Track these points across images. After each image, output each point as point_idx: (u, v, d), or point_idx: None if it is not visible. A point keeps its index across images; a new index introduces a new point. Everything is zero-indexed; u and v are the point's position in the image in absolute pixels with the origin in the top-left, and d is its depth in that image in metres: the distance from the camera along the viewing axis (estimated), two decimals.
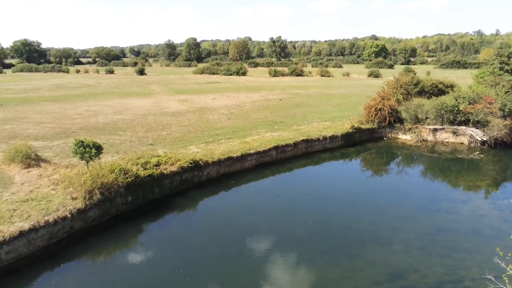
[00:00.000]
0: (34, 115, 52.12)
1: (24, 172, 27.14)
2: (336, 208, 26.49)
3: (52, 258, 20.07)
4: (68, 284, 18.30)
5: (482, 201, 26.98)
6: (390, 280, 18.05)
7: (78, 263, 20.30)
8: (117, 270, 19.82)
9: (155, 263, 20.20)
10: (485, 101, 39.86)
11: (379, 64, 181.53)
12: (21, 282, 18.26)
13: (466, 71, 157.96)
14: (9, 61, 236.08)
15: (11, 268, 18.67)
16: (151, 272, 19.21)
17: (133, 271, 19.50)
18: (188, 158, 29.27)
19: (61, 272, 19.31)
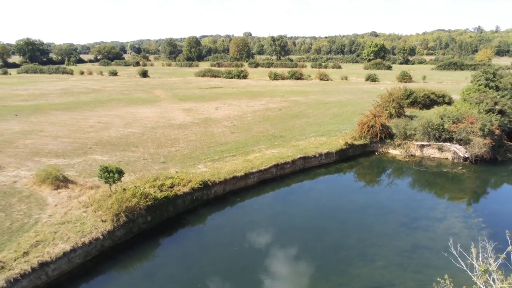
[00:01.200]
0: (50, 127, 55.74)
1: (54, 193, 30.90)
2: (329, 225, 30.30)
3: (88, 273, 23.91)
4: None
5: (456, 220, 30.75)
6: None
7: (108, 276, 24.14)
8: (141, 281, 23.66)
9: (173, 276, 24.04)
10: (468, 121, 43.51)
11: (378, 65, 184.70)
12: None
13: (463, 73, 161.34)
14: (13, 60, 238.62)
15: (56, 283, 22.49)
16: (170, 284, 23.04)
17: (154, 282, 23.32)
18: (198, 179, 33.05)
19: (96, 285, 23.15)
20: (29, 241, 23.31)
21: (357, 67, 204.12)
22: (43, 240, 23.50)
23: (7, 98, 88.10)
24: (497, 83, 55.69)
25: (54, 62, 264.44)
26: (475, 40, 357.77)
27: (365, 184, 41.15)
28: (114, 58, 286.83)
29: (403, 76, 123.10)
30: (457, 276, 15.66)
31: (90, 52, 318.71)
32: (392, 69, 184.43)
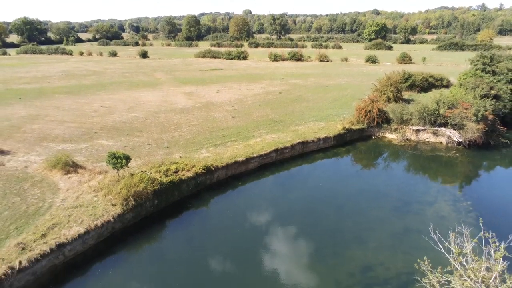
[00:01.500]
0: (55, 112, 56.96)
1: (65, 178, 32.51)
2: (326, 209, 32.04)
3: (101, 254, 25.74)
4: (115, 273, 24.03)
5: (446, 204, 32.47)
6: (362, 272, 23.78)
7: (120, 256, 25.99)
8: (150, 261, 25.52)
9: (180, 256, 25.89)
10: (462, 107, 44.75)
11: (378, 45, 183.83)
12: (80, 273, 23.94)
13: (463, 54, 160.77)
14: (11, 40, 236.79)
15: (72, 263, 24.34)
16: (177, 264, 24.92)
17: (162, 262, 25.21)
18: (202, 164, 34.62)
19: (108, 264, 25.02)
20: (46, 224, 25.04)
21: (357, 47, 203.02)
22: (58, 223, 25.23)
23: (10, 81, 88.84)
24: (493, 68, 56.59)
25: (52, 41, 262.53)
26: (478, 19, 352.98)
27: (362, 168, 42.79)
28: (112, 38, 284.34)
29: (403, 57, 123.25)
30: (440, 257, 17.27)
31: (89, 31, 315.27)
32: (392, 49, 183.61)
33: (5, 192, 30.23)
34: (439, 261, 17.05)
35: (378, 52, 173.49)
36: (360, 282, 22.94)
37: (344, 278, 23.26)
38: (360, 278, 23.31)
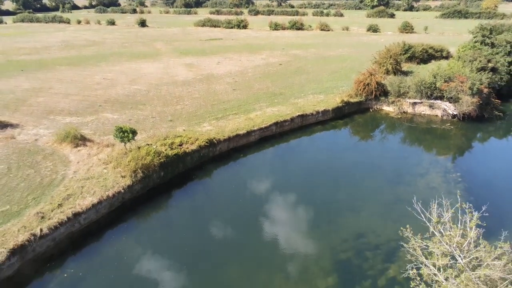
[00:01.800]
0: (58, 84, 57.80)
1: (75, 151, 34.10)
2: (323, 180, 33.87)
3: (112, 222, 27.71)
4: (127, 239, 26.08)
5: (437, 175, 34.25)
6: (354, 239, 25.83)
7: (130, 224, 27.99)
8: (158, 228, 27.58)
9: (186, 224, 27.89)
10: (458, 80, 45.68)
11: (380, 13, 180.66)
12: (95, 239, 25.99)
13: (466, 22, 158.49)
14: (6, 7, 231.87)
15: (87, 230, 26.34)
16: (183, 231, 26.96)
17: (169, 229, 27.25)
18: (204, 138, 36.15)
19: (120, 231, 27.03)
20: (61, 195, 26.88)
21: (359, 15, 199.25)
22: (73, 194, 27.06)
23: (10, 52, 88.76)
24: (492, 40, 56.95)
25: (48, 8, 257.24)
26: None
27: (358, 140, 44.38)
28: (109, 5, 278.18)
29: (404, 27, 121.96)
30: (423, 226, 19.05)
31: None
32: (395, 17, 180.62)
33: (19, 164, 31.91)
34: (423, 228, 18.85)
35: (380, 20, 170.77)
36: (353, 248, 25.01)
37: (338, 244, 25.32)
38: (353, 244, 25.37)
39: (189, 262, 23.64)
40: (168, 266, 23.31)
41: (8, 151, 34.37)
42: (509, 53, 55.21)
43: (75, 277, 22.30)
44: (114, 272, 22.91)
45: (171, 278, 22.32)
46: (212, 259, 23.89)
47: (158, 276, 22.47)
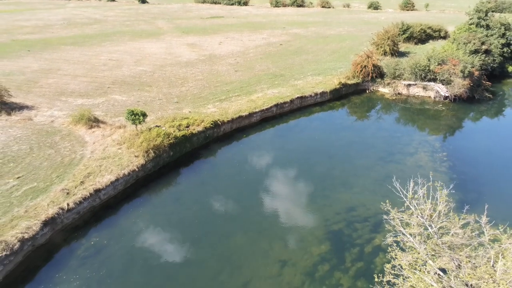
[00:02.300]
0: (66, 65, 59.77)
1: (89, 132, 36.74)
2: (320, 159, 36.66)
3: (128, 197, 30.67)
4: (141, 212, 29.09)
5: (425, 154, 37.00)
6: (346, 212, 28.85)
7: (144, 199, 30.95)
8: (169, 203, 30.54)
9: (194, 198, 30.84)
10: (451, 63, 47.72)
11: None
12: (113, 212, 29.00)
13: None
14: None
15: (107, 204, 29.32)
16: (192, 205, 29.96)
17: (179, 203, 30.25)
18: (210, 119, 38.71)
19: (135, 205, 30.02)
20: (82, 173, 29.73)
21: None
22: (92, 172, 29.92)
23: (13, 31, 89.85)
24: (488, 22, 58.41)
25: None
26: None
27: (354, 121, 46.91)
28: None
29: (405, 4, 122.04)
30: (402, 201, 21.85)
31: None
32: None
33: (39, 145, 34.63)
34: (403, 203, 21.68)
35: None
36: (344, 220, 28.06)
37: (331, 216, 28.36)
38: (345, 216, 28.41)
39: (198, 232, 26.74)
40: (178, 235, 26.43)
41: (27, 132, 37.02)
42: (503, 35, 56.85)
43: (99, 244, 25.43)
44: (132, 240, 26.02)
45: (181, 245, 25.46)
46: (218, 229, 26.99)
47: (170, 243, 25.61)
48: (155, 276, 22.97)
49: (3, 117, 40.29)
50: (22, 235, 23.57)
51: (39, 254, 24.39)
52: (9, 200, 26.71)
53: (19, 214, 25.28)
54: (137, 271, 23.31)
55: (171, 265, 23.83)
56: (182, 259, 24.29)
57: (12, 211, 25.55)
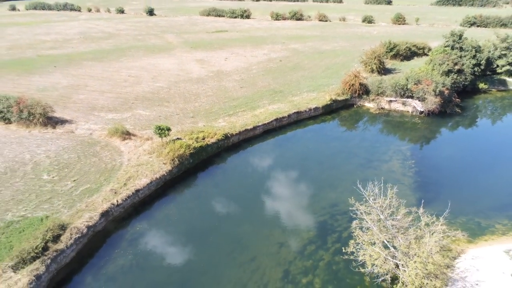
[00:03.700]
0: (91, 81, 68.18)
1: (123, 143, 45.03)
2: (312, 165, 44.90)
3: (159, 195, 38.93)
4: (169, 207, 37.30)
5: (397, 162, 45.16)
6: (330, 207, 37.00)
7: (171, 197, 39.17)
8: (190, 200, 38.75)
9: (210, 197, 39.05)
10: (425, 83, 55.99)
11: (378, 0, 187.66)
12: (149, 207, 37.24)
13: (460, 10, 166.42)
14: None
15: (143, 201, 37.55)
16: (209, 202, 38.20)
17: (199, 201, 38.45)
18: (221, 132, 47.01)
19: (164, 202, 38.24)
20: (124, 177, 38.03)
21: (358, 1, 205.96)
22: (132, 176, 38.23)
23: (36, 45, 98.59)
24: (461, 45, 66.73)
25: None
26: None
27: (342, 132, 55.20)
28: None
29: (397, 18, 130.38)
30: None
31: None
32: (392, 3, 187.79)
33: (84, 154, 42.97)
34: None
35: (378, 7, 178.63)
36: (329, 213, 36.27)
37: (319, 210, 36.60)
38: (329, 210, 36.62)
39: (214, 222, 34.99)
40: (199, 224, 34.69)
41: (72, 143, 45.39)
42: (474, 56, 65.15)
43: (141, 231, 33.69)
44: (164, 228, 34.27)
45: (202, 231, 33.69)
46: (230, 219, 35.25)
47: (193, 229, 33.88)
48: (183, 252, 31.26)
49: (50, 130, 48.72)
50: (87, 223, 31.89)
51: (98, 238, 32.69)
52: (72, 198, 35.06)
53: (81, 208, 33.60)
54: (171, 249, 31.61)
55: (195, 245, 32.11)
56: (203, 241, 32.56)
57: (76, 205, 33.88)
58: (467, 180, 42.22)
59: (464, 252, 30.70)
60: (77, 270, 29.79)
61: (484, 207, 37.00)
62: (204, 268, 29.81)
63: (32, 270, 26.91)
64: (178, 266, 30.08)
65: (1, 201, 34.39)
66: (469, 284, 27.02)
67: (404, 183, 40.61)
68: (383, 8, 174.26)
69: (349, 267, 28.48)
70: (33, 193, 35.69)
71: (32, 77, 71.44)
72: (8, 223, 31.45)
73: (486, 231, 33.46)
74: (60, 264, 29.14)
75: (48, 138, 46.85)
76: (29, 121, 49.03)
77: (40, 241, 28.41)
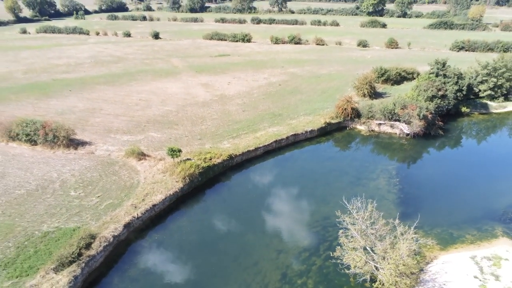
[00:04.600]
0: (106, 105, 74.10)
1: (139, 163, 50.51)
2: (308, 183, 50.28)
3: (172, 209, 44.20)
4: (181, 220, 42.52)
5: (384, 179, 50.52)
6: (323, 219, 42.22)
7: (182, 211, 44.44)
8: (199, 213, 44.00)
9: (217, 211, 44.31)
10: (410, 108, 61.89)
11: (373, 23, 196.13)
12: (164, 220, 42.42)
13: (451, 33, 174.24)
14: (23, 14, 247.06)
15: (159, 214, 42.80)
16: (217, 215, 43.42)
17: (207, 214, 43.69)
18: (226, 154, 52.57)
19: (177, 215, 43.47)
20: (142, 193, 43.39)
21: (355, 23, 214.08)
22: (148, 193, 43.58)
23: (50, 69, 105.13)
24: (445, 72, 72.99)
25: (62, 14, 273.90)
26: None
27: (335, 153, 60.78)
28: (118, 9, 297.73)
29: (390, 42, 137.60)
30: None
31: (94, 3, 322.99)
32: (386, 27, 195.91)
33: (105, 173, 48.41)
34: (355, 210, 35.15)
35: (373, 30, 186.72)
36: (321, 225, 41.49)
37: (312, 222, 41.84)
38: (322, 223, 41.84)
39: (222, 232, 40.20)
40: (209, 235, 39.87)
41: (93, 163, 50.88)
42: (456, 82, 71.27)
43: (158, 240, 38.87)
44: (179, 237, 39.45)
45: (211, 240, 38.85)
46: (235, 230, 40.45)
47: (204, 239, 39.04)
48: (195, 258, 36.39)
49: (72, 151, 54.31)
50: (112, 233, 37.13)
51: (121, 246, 37.89)
52: (97, 211, 40.36)
53: (107, 220, 38.88)
54: (184, 256, 36.78)
55: (205, 252, 37.27)
56: (212, 249, 37.73)
57: (102, 218, 39.17)
58: (444, 196, 47.49)
59: (436, 258, 35.86)
60: (105, 273, 34.93)
61: (457, 220, 42.26)
62: (213, 271, 34.93)
63: (70, 271, 32.07)
64: (191, 270, 35.19)
65: (36, 214, 39.71)
66: (438, 285, 32.11)
67: (388, 199, 45.97)
68: (377, 31, 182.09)
69: (337, 270, 33.62)
70: (64, 207, 41.02)
71: (50, 100, 77.41)
72: (45, 233, 36.69)
73: (457, 240, 38.66)
74: (91, 267, 34.26)
75: (71, 158, 52.38)
76: (54, 143, 54.60)
77: (75, 247, 33.61)
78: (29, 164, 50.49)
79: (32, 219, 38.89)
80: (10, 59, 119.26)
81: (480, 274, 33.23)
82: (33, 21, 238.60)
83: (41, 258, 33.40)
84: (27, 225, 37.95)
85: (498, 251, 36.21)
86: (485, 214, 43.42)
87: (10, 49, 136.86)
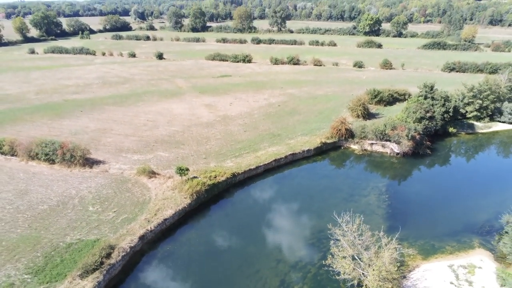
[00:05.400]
0: (116, 126, 79.09)
1: (150, 181, 55.14)
2: (304, 199, 54.82)
3: (181, 223, 48.64)
4: (190, 232, 46.92)
5: (374, 196, 55.02)
6: (318, 232, 46.62)
7: (190, 225, 48.86)
8: (206, 227, 48.39)
9: (222, 225, 48.75)
10: (399, 129, 66.89)
11: (369, 43, 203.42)
12: (173, 233, 46.80)
13: (444, 54, 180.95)
14: (31, 34, 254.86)
15: (169, 228, 47.21)
16: (221, 230, 47.82)
17: (213, 228, 48.10)
18: (230, 172, 57.26)
19: (185, 228, 47.87)
20: (153, 208, 47.90)
21: (351, 43, 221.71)
22: (160, 208, 48.10)
23: (60, 90, 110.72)
24: (433, 95, 78.32)
25: (67, 33, 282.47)
26: (471, 7, 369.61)
27: (330, 170, 65.47)
28: (122, 28, 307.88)
29: (385, 63, 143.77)
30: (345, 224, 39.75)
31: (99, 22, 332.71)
32: (382, 47, 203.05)
33: (119, 190, 52.99)
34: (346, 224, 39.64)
35: (368, 50, 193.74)
36: (316, 237, 45.89)
37: (308, 235, 46.25)
38: (317, 235, 46.25)
39: (226, 244, 44.57)
40: (214, 246, 44.23)
41: (108, 181, 55.50)
42: (443, 105, 76.50)
43: (169, 251, 43.24)
44: (188, 248, 43.80)
45: (217, 252, 43.19)
46: (238, 242, 44.83)
47: (210, 250, 43.39)
48: (203, 267, 40.73)
49: (88, 169, 58.99)
50: (129, 244, 41.54)
51: (137, 256, 42.25)
52: (115, 225, 44.83)
53: (123, 233, 43.32)
54: (193, 264, 41.11)
55: (211, 261, 41.62)
56: (218, 258, 42.09)
57: (119, 231, 43.61)
58: (429, 210, 51.97)
59: (418, 266, 40.19)
60: (123, 279, 39.23)
61: (439, 232, 46.70)
62: (219, 279, 39.24)
63: (94, 278, 36.41)
64: (199, 278, 39.51)
65: (60, 227, 44.19)
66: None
67: (377, 214, 50.48)
68: (373, 51, 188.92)
69: (329, 276, 37.94)
70: (84, 221, 45.51)
71: (63, 121, 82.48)
72: (68, 244, 41.11)
73: (438, 251, 43.05)
74: (111, 275, 38.57)
75: (87, 176, 57.03)
76: (71, 162, 59.32)
77: (97, 257, 38.01)
78: (49, 182, 55.13)
79: (56, 232, 43.35)
80: (22, 80, 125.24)
81: (456, 280, 37.56)
82: (40, 40, 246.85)
83: (67, 266, 37.76)
84: (52, 237, 42.40)
85: (473, 260, 40.59)
86: (465, 227, 47.88)
87: (21, 70, 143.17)
